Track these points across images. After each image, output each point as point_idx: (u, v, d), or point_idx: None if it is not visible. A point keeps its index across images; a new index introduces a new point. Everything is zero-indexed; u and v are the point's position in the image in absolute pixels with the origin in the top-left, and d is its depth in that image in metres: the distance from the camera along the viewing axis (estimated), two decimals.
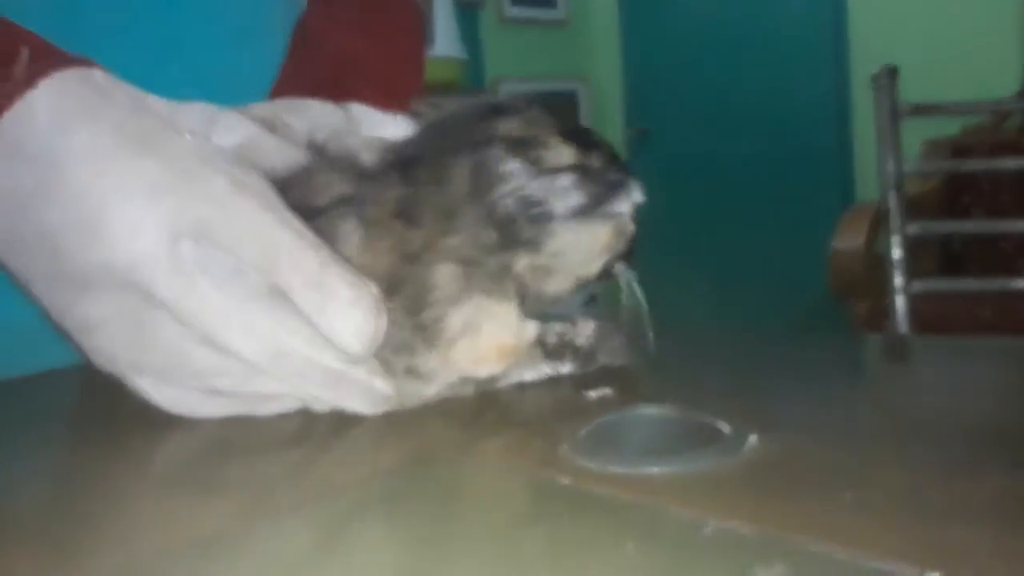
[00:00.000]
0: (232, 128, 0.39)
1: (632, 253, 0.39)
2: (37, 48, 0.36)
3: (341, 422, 0.34)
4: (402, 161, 0.36)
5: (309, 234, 0.34)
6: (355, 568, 0.22)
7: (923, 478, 0.25)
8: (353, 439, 0.33)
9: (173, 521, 0.26)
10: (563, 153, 0.36)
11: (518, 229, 0.34)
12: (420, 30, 0.66)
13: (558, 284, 0.36)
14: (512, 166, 0.34)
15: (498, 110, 0.37)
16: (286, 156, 0.39)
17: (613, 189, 0.37)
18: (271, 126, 0.41)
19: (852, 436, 0.30)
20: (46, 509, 0.29)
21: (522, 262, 0.35)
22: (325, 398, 0.34)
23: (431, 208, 0.34)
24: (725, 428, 0.29)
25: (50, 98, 0.34)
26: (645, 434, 0.30)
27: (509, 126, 0.36)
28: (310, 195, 0.36)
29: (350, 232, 0.35)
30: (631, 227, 0.38)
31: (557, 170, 0.35)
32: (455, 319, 0.34)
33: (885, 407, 0.35)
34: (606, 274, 0.38)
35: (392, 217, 0.34)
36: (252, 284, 0.33)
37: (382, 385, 0.34)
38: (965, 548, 0.20)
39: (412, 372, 0.35)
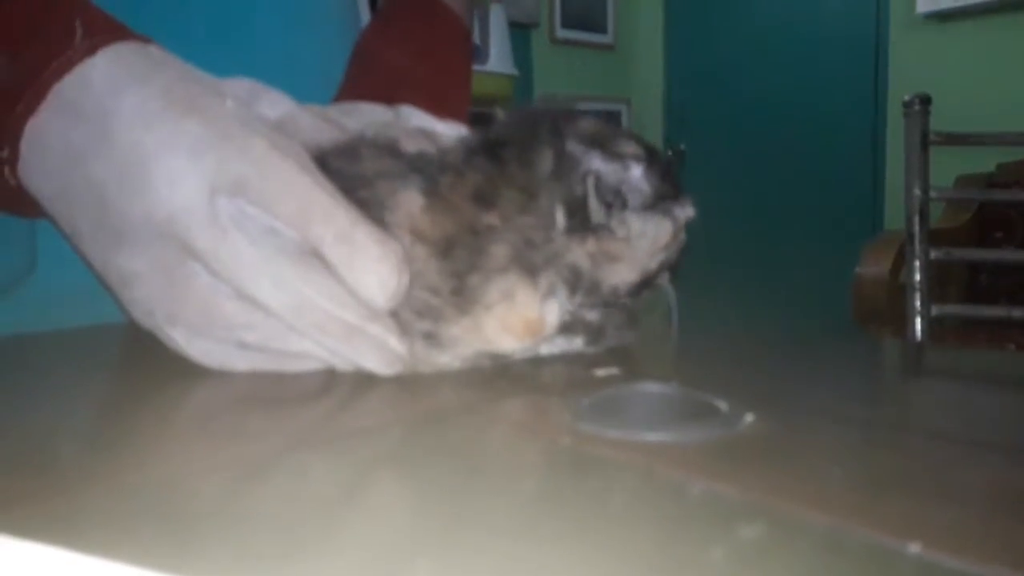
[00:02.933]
0: (275, 103, 0.39)
1: (679, 267, 0.39)
2: (103, 22, 0.37)
3: (361, 381, 0.34)
4: (490, 143, 0.37)
5: (341, 197, 0.34)
6: (373, 508, 0.22)
7: (918, 464, 0.24)
8: (372, 396, 0.33)
9: (200, 457, 0.26)
10: (634, 147, 0.37)
11: (591, 213, 0.35)
12: (466, 43, 0.67)
13: (623, 273, 0.37)
14: (591, 153, 0.35)
15: (576, 113, 0.38)
16: (328, 134, 0.40)
17: (673, 193, 0.38)
18: (322, 117, 0.42)
19: (851, 423, 0.29)
20: (78, 441, 0.29)
21: (586, 248, 0.36)
22: (342, 352, 0.34)
23: (513, 188, 0.35)
24: (723, 406, 0.28)
25: (107, 65, 0.35)
26: (645, 408, 0.30)
27: (588, 123, 0.37)
28: (354, 166, 0.37)
29: (409, 199, 0.35)
30: (683, 235, 0.39)
31: (632, 159, 0.36)
32: (497, 286, 0.34)
33: (889, 400, 0.34)
34: (653, 279, 0.38)
35: (465, 198, 0.35)
36: (283, 241, 0.33)
37: (396, 344, 0.34)
38: (952, 526, 0.20)
39: (431, 338, 0.35)
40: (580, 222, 0.35)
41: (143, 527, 0.20)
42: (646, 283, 0.37)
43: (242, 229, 0.33)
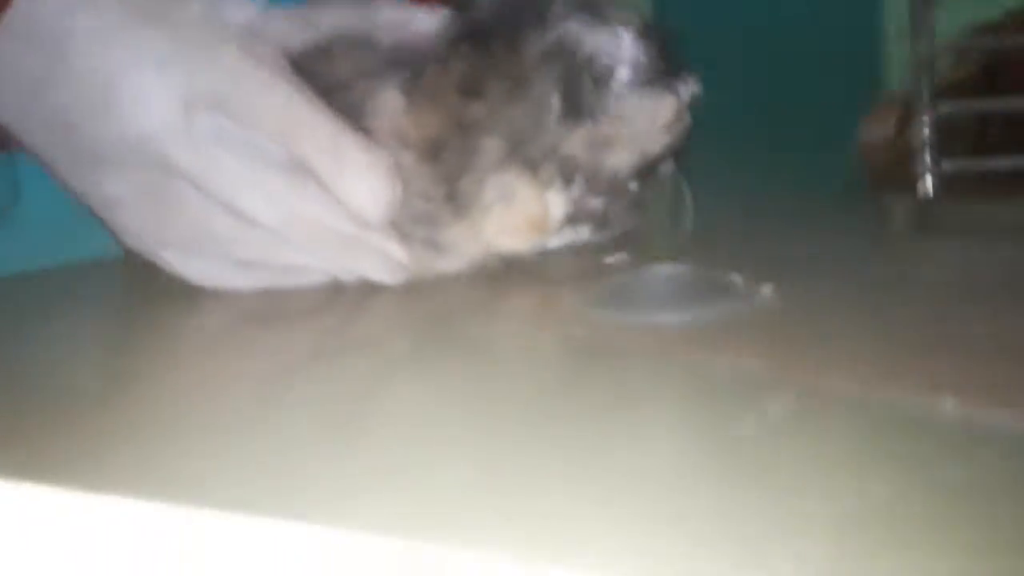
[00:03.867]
0: (241, 6, 0.37)
1: (685, 151, 0.37)
2: None
3: (367, 290, 0.33)
4: (473, 29, 0.34)
5: (322, 105, 0.32)
6: (391, 412, 0.21)
7: (943, 328, 0.24)
8: (380, 303, 0.33)
9: (213, 378, 0.26)
10: (629, 19, 0.34)
11: (582, 95, 0.33)
12: None
13: (620, 157, 0.34)
14: (581, 16, 0.33)
15: None
16: (298, 35, 0.37)
17: (674, 68, 0.35)
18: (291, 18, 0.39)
19: (873, 290, 0.28)
20: (86, 372, 0.29)
21: (579, 137, 0.33)
22: (342, 263, 0.33)
23: (501, 76, 0.33)
24: (738, 281, 0.27)
25: None
26: (659, 290, 0.29)
27: None
28: (329, 69, 0.35)
29: (390, 99, 0.33)
30: (687, 116, 0.36)
31: (620, 22, 0.33)
32: (493, 185, 0.33)
33: (907, 266, 0.33)
34: (657, 164, 0.36)
35: (450, 89, 0.33)
36: (268, 152, 0.32)
37: (396, 250, 0.33)
38: (984, 379, 0.19)
39: (430, 244, 0.34)
40: (573, 106, 0.33)
41: (166, 452, 0.19)
42: (649, 167, 0.35)
43: (223, 143, 0.31)
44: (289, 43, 0.36)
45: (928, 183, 0.99)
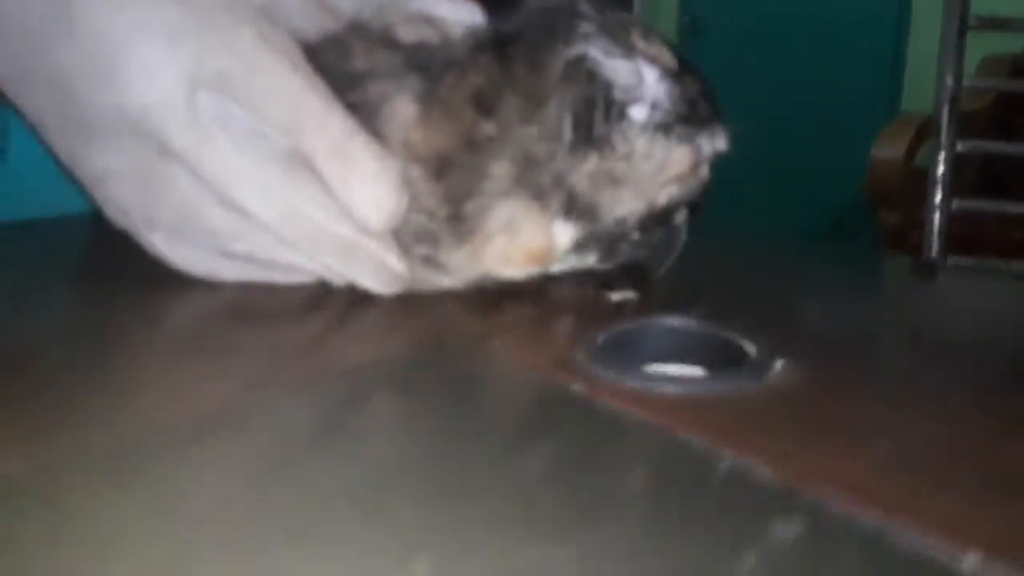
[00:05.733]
0: None
1: (700, 207, 0.34)
2: None
3: (357, 298, 0.31)
4: (499, 38, 0.32)
5: (335, 101, 0.30)
6: (351, 457, 0.20)
7: (961, 428, 0.22)
8: (367, 316, 0.31)
9: (178, 388, 0.24)
10: (660, 51, 0.32)
11: (595, 122, 0.30)
12: None
13: (625, 200, 0.32)
14: (602, 41, 0.30)
15: (608, 2, 0.33)
16: (316, 20, 0.35)
17: (701, 119, 0.32)
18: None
19: (884, 368, 0.27)
20: (53, 361, 0.27)
21: (587, 166, 0.31)
22: (337, 268, 0.31)
23: (517, 93, 0.31)
24: (750, 348, 0.26)
25: None
26: (665, 345, 0.27)
27: (615, 15, 0.32)
28: (344, 61, 0.33)
29: (403, 106, 0.31)
30: (706, 171, 0.34)
31: (646, 58, 0.31)
32: (498, 214, 0.31)
33: (917, 335, 0.31)
34: (667, 216, 0.33)
35: (465, 101, 0.31)
36: (272, 145, 0.30)
37: (394, 262, 0.31)
38: (1011, 523, 0.17)
39: (431, 262, 0.32)
40: (583, 134, 0.30)
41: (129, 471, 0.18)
42: (657, 218, 0.33)
43: (226, 129, 0.29)
44: (306, 28, 0.34)
45: (936, 221, 0.97)
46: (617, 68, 0.30)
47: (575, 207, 0.31)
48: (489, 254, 0.31)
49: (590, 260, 0.35)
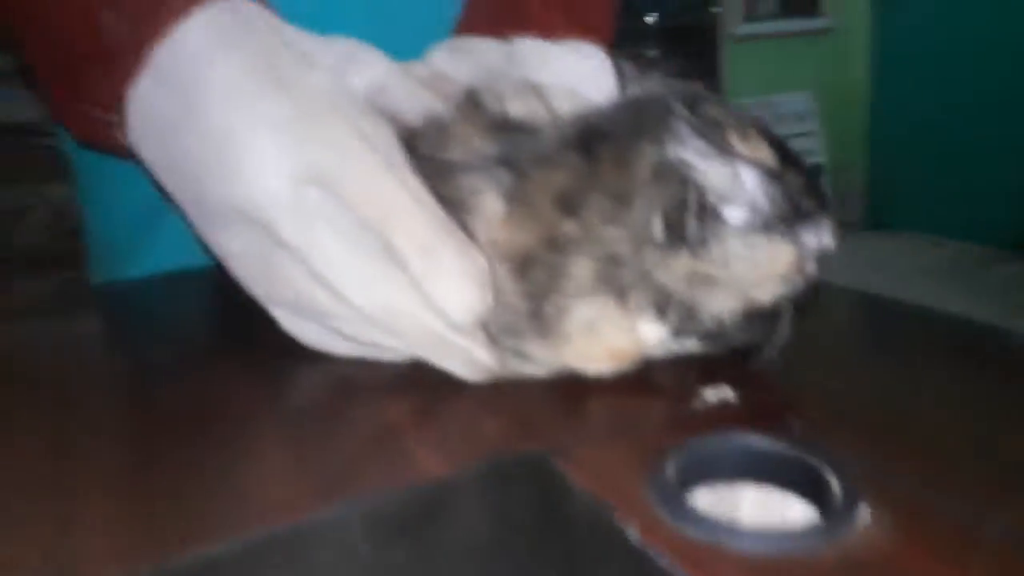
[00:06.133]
0: (369, 66, 0.36)
1: (806, 306, 0.32)
2: None
3: (449, 381, 0.32)
4: (587, 136, 0.31)
5: (427, 197, 0.31)
6: None
7: None
8: (457, 404, 0.31)
9: (284, 483, 0.26)
10: (759, 150, 0.30)
11: (687, 223, 0.29)
12: None
13: (721, 301, 0.31)
14: (696, 144, 0.29)
15: (701, 96, 0.31)
16: (419, 103, 0.36)
17: (804, 215, 0.30)
18: (421, 78, 0.38)
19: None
20: (174, 427, 0.30)
21: (680, 267, 0.30)
22: (430, 358, 0.32)
23: (603, 193, 0.30)
24: (834, 484, 0.24)
25: (199, 28, 0.33)
26: (740, 473, 0.26)
27: (708, 109, 0.31)
28: (442, 148, 0.33)
29: (491, 204, 0.32)
30: (812, 267, 0.31)
31: (745, 161, 0.29)
32: (577, 315, 0.30)
33: None
34: (771, 312, 0.31)
35: (549, 202, 0.31)
36: (370, 238, 0.31)
37: (482, 355, 0.32)
38: None
39: (519, 354, 0.32)
40: (675, 235, 0.29)
41: None
42: (758, 316, 0.31)
43: (330, 222, 0.31)
44: (410, 113, 0.35)
45: None
46: (713, 171, 0.29)
47: (667, 305, 0.30)
48: (569, 353, 0.31)
49: (689, 345, 0.34)
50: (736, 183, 0.29)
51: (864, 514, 0.23)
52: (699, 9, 2.99)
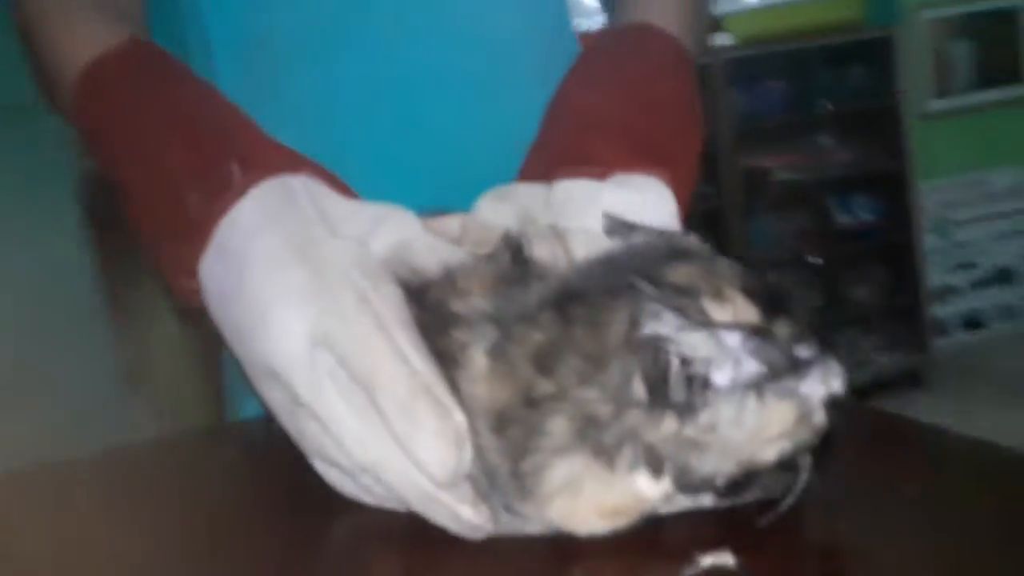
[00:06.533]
0: (396, 229, 0.38)
1: (824, 453, 0.30)
2: (262, 151, 0.40)
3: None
4: (562, 295, 0.32)
5: (415, 355, 0.32)
6: None
7: None
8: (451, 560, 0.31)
9: None
10: (738, 309, 0.29)
11: (670, 390, 0.28)
12: (681, 69, 0.54)
13: (712, 463, 0.29)
14: (667, 315, 0.28)
15: (677, 253, 0.31)
16: (443, 254, 0.38)
17: (799, 365, 0.28)
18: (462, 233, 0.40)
19: None
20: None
21: (667, 428, 0.29)
22: (422, 513, 0.33)
23: (576, 354, 0.30)
24: None
25: (251, 205, 0.37)
26: None
27: (682, 271, 0.30)
28: (448, 299, 0.35)
29: (476, 359, 0.32)
30: (820, 417, 0.29)
31: (724, 327, 0.28)
32: (557, 473, 0.30)
33: None
34: (787, 467, 0.29)
35: (526, 360, 0.31)
36: (364, 395, 0.33)
37: (468, 514, 0.32)
38: None
39: (510, 511, 0.32)
40: (659, 399, 0.28)
41: None
42: (758, 476, 0.28)
43: (336, 382, 0.33)
44: (431, 265, 0.37)
45: None
46: (692, 342, 0.28)
47: (661, 465, 0.29)
48: (554, 512, 0.30)
49: (705, 501, 0.32)
50: (718, 349, 0.28)
51: None
52: (880, 91, 2.85)
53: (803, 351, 0.28)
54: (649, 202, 0.43)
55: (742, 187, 2.75)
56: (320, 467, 0.37)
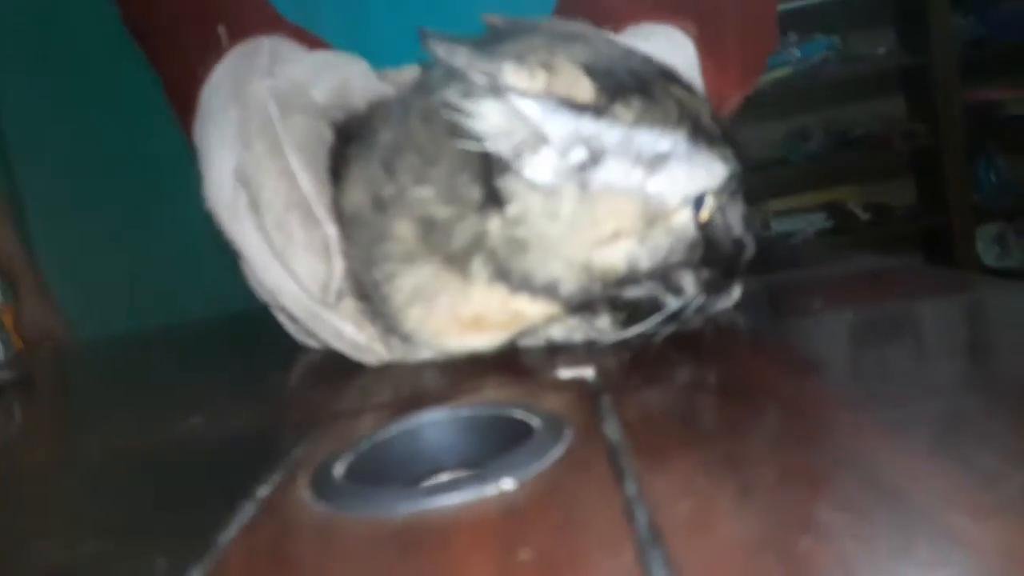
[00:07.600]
0: (338, 73, 0.38)
1: (733, 272, 0.27)
2: (246, 14, 0.41)
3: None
4: (411, 91, 0.30)
5: (303, 177, 0.32)
6: None
7: None
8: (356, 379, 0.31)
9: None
10: (568, 82, 0.25)
11: (493, 181, 0.26)
12: None
13: (539, 264, 0.26)
14: (452, 82, 0.25)
15: (515, 30, 0.28)
16: (378, 90, 0.37)
17: (649, 158, 0.25)
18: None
19: None
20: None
21: (493, 227, 0.26)
22: (315, 335, 0.33)
23: (412, 151, 0.28)
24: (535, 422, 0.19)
25: (223, 65, 0.38)
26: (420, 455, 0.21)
27: (523, 44, 0.27)
28: (362, 129, 0.34)
29: (352, 169, 0.32)
30: (687, 224, 0.26)
31: (520, 93, 0.25)
32: (406, 281, 0.29)
33: None
34: (670, 284, 0.26)
35: (377, 161, 0.30)
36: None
37: (351, 332, 0.31)
38: None
39: (392, 331, 0.31)
40: (486, 194, 0.25)
41: None
42: (609, 278, 0.25)
43: (249, 215, 0.33)
44: (369, 95, 0.36)
45: None
46: (481, 111, 0.25)
47: (507, 273, 0.27)
48: (412, 325, 0.29)
49: (603, 324, 0.29)
50: (526, 125, 0.24)
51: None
52: None
53: (660, 143, 0.25)
54: (659, 47, 0.40)
55: (965, 124, 2.41)
56: (282, 319, 0.38)
